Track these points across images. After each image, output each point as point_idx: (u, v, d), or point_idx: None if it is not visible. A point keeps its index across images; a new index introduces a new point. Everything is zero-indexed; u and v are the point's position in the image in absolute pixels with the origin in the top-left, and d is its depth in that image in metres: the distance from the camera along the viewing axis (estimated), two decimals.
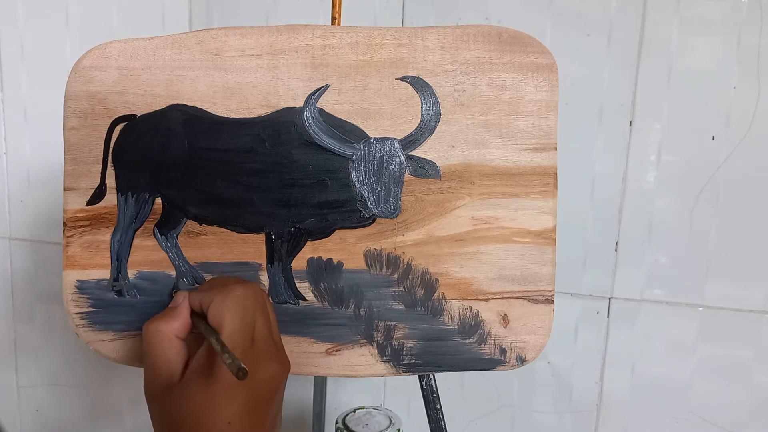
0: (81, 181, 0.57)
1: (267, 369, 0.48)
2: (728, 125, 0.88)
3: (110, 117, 0.57)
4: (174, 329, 0.50)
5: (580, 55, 0.90)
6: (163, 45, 0.57)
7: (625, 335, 0.95)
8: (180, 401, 0.47)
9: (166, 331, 0.49)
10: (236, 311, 0.48)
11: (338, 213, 0.58)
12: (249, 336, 0.48)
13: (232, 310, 0.48)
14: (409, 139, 0.57)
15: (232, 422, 0.46)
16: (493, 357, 0.59)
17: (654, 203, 0.91)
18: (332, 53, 0.57)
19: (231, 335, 0.47)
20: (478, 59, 0.57)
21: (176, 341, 0.49)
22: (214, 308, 0.48)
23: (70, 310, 0.58)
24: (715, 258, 0.91)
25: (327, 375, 0.60)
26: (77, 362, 1.15)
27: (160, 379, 0.48)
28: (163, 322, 0.50)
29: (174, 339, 0.49)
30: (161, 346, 0.49)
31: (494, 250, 0.58)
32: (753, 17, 0.85)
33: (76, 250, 0.58)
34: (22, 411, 1.19)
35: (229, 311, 0.48)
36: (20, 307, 1.15)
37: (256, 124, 0.57)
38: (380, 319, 0.59)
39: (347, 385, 1.07)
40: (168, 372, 0.48)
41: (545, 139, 0.57)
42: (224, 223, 0.58)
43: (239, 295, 0.49)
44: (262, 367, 0.48)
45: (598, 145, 0.92)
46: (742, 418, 0.94)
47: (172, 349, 0.49)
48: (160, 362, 0.48)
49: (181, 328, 0.50)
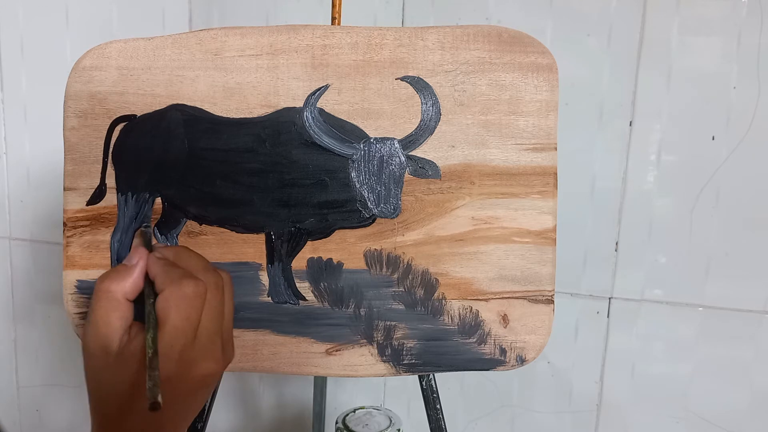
0: (81, 181, 0.57)
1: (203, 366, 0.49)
2: (728, 125, 0.88)
3: (110, 117, 0.57)
4: (124, 290, 0.49)
5: (580, 55, 0.90)
6: (163, 45, 0.57)
7: (625, 335, 0.95)
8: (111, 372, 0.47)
9: (115, 292, 0.48)
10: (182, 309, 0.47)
11: (338, 213, 0.58)
12: (191, 335, 0.48)
13: (178, 307, 0.47)
14: (409, 139, 0.57)
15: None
16: (493, 357, 0.59)
17: (654, 203, 0.91)
18: (332, 53, 0.57)
19: (171, 333, 0.47)
20: (478, 59, 0.57)
21: (123, 304, 0.49)
22: (163, 299, 0.48)
23: (71, 310, 0.58)
24: (715, 258, 0.91)
25: (327, 375, 0.60)
26: (77, 362, 1.15)
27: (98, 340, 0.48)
28: (114, 283, 0.49)
29: (121, 301, 0.49)
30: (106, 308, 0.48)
31: (494, 250, 0.58)
32: (753, 17, 0.85)
33: (76, 250, 0.58)
34: (22, 411, 1.19)
35: (175, 308, 0.47)
36: (20, 307, 1.15)
37: (256, 124, 0.57)
38: (380, 319, 0.59)
39: (347, 385, 1.07)
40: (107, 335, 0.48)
41: (545, 139, 0.57)
42: (224, 223, 0.58)
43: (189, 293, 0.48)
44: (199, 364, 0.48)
45: (598, 145, 0.92)
46: (742, 418, 0.94)
47: (117, 311, 0.48)
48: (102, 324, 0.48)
49: (131, 290, 0.49)
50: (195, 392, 0.49)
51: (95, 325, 0.48)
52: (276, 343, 0.59)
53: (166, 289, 0.48)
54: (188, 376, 0.48)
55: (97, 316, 0.48)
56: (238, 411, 1.12)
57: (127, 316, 0.49)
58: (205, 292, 0.49)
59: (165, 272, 0.49)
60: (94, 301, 0.49)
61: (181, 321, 0.47)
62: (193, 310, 0.48)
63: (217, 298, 0.50)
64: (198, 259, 0.52)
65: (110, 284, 0.49)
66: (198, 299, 0.48)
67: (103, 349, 0.48)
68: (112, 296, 0.48)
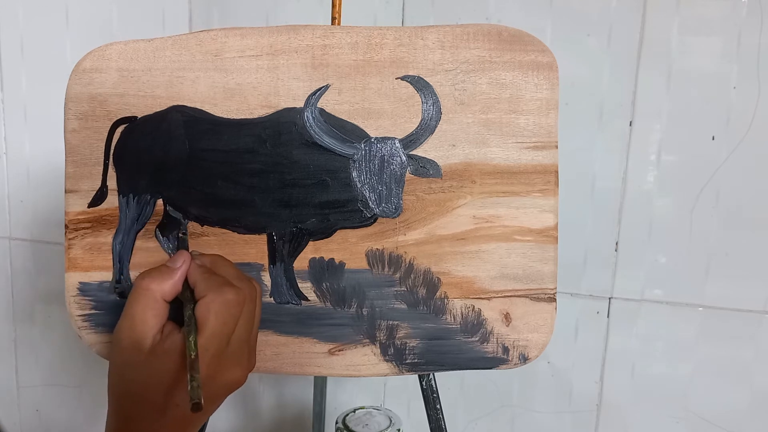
0: (82, 184, 0.57)
1: (231, 373, 0.50)
2: (728, 125, 0.88)
3: (111, 119, 0.57)
4: (163, 291, 0.50)
5: (580, 55, 0.90)
6: (163, 46, 0.57)
7: (625, 335, 0.96)
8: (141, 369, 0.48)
9: (154, 291, 0.50)
10: (222, 316, 0.48)
11: (340, 213, 0.58)
12: (226, 341, 0.49)
13: (218, 313, 0.48)
14: (409, 139, 0.57)
15: (180, 405, 0.48)
16: (495, 356, 0.59)
17: (654, 203, 0.92)
18: (332, 53, 0.57)
19: (209, 337, 0.48)
20: (479, 58, 0.57)
21: (160, 303, 0.50)
22: (204, 304, 0.49)
23: (73, 312, 0.58)
24: (715, 258, 0.91)
25: (330, 375, 0.60)
26: (77, 362, 1.15)
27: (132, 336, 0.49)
28: (155, 282, 0.50)
29: (159, 300, 0.50)
30: (144, 305, 0.49)
31: (496, 249, 0.58)
32: (753, 17, 0.85)
33: (78, 253, 0.58)
34: (22, 411, 1.19)
35: (215, 314, 0.48)
36: (20, 307, 1.15)
37: (256, 125, 0.57)
38: (383, 318, 0.59)
39: (347, 385, 1.07)
40: (141, 332, 0.49)
41: (546, 138, 0.58)
42: (226, 224, 0.58)
43: (230, 300, 0.49)
44: (228, 370, 0.50)
45: (598, 145, 0.92)
46: (742, 418, 0.94)
47: (154, 309, 0.49)
48: (138, 320, 0.49)
49: (170, 292, 0.51)
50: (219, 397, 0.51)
51: (131, 320, 0.49)
52: (278, 344, 0.59)
53: (208, 295, 0.49)
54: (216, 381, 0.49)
55: (133, 311, 0.49)
56: (238, 411, 1.12)
57: (163, 315, 0.50)
58: (244, 300, 0.50)
59: (205, 279, 0.51)
60: (132, 298, 0.50)
61: (219, 327, 0.48)
62: (231, 317, 0.49)
63: (251, 307, 0.52)
64: (233, 268, 0.54)
65: (150, 282, 0.50)
66: (237, 307, 0.50)
67: (136, 345, 0.48)
68: (151, 294, 0.50)
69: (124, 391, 0.49)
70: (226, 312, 0.49)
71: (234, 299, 0.49)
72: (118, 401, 0.50)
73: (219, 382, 0.49)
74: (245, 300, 0.50)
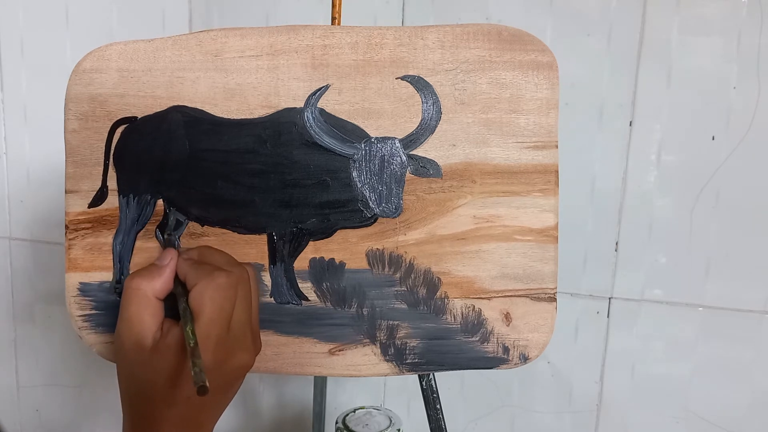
0: (82, 184, 0.57)
1: (238, 357, 0.50)
2: (728, 125, 0.88)
3: (111, 119, 0.57)
4: (154, 289, 0.50)
5: (580, 55, 0.90)
6: (163, 46, 0.57)
7: (625, 335, 0.96)
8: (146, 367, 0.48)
9: (146, 290, 0.50)
10: (216, 300, 0.48)
11: (340, 213, 0.58)
12: (225, 325, 0.49)
13: (213, 299, 0.48)
14: (410, 139, 0.57)
15: (191, 398, 0.48)
16: (496, 355, 0.59)
17: (654, 203, 0.92)
18: (332, 53, 0.57)
19: (208, 324, 0.47)
20: (479, 58, 0.57)
21: (154, 301, 0.50)
22: (196, 293, 0.49)
23: (73, 313, 0.58)
24: (715, 258, 0.91)
25: (330, 375, 0.60)
26: (77, 362, 1.15)
27: (132, 337, 0.49)
28: (145, 281, 0.50)
29: (152, 299, 0.50)
30: (138, 305, 0.49)
31: (496, 249, 0.58)
32: (753, 17, 0.85)
33: (78, 253, 0.58)
34: (22, 411, 1.19)
35: (210, 299, 0.48)
36: (20, 307, 1.15)
37: (256, 125, 0.57)
38: (383, 318, 0.59)
39: (347, 385, 1.07)
40: (140, 332, 0.49)
41: (546, 137, 0.58)
42: (226, 224, 0.58)
43: (222, 283, 0.49)
44: (235, 355, 0.49)
45: (598, 145, 0.92)
46: (742, 418, 0.94)
47: (149, 309, 0.49)
48: (135, 321, 0.49)
49: (161, 289, 0.51)
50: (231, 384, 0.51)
51: (128, 322, 0.49)
52: (279, 344, 0.59)
53: (199, 284, 0.49)
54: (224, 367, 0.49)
55: (129, 313, 0.49)
56: (238, 411, 1.12)
57: (159, 313, 0.50)
58: (236, 282, 0.50)
59: (195, 269, 0.51)
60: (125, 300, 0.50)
61: (216, 312, 0.48)
62: (226, 301, 0.49)
63: (246, 289, 0.51)
64: (222, 255, 0.54)
65: (140, 282, 0.50)
66: (230, 290, 0.49)
67: (137, 345, 0.48)
68: (143, 294, 0.50)
69: (135, 392, 0.49)
70: (220, 296, 0.48)
71: (226, 282, 0.49)
72: (131, 402, 0.50)
73: (227, 367, 0.49)
74: (238, 282, 0.50)
